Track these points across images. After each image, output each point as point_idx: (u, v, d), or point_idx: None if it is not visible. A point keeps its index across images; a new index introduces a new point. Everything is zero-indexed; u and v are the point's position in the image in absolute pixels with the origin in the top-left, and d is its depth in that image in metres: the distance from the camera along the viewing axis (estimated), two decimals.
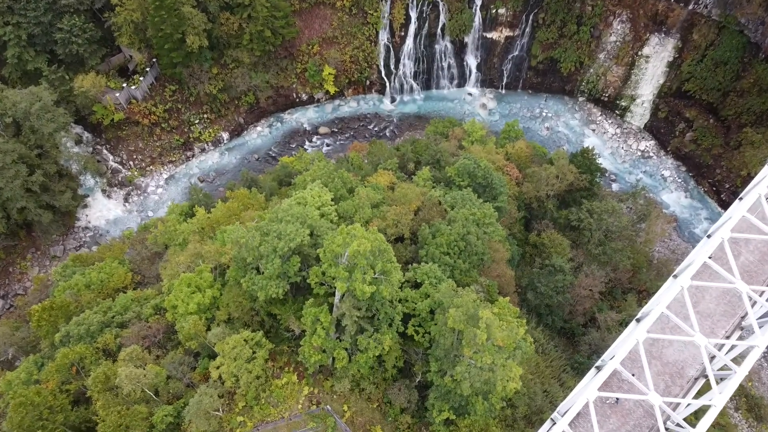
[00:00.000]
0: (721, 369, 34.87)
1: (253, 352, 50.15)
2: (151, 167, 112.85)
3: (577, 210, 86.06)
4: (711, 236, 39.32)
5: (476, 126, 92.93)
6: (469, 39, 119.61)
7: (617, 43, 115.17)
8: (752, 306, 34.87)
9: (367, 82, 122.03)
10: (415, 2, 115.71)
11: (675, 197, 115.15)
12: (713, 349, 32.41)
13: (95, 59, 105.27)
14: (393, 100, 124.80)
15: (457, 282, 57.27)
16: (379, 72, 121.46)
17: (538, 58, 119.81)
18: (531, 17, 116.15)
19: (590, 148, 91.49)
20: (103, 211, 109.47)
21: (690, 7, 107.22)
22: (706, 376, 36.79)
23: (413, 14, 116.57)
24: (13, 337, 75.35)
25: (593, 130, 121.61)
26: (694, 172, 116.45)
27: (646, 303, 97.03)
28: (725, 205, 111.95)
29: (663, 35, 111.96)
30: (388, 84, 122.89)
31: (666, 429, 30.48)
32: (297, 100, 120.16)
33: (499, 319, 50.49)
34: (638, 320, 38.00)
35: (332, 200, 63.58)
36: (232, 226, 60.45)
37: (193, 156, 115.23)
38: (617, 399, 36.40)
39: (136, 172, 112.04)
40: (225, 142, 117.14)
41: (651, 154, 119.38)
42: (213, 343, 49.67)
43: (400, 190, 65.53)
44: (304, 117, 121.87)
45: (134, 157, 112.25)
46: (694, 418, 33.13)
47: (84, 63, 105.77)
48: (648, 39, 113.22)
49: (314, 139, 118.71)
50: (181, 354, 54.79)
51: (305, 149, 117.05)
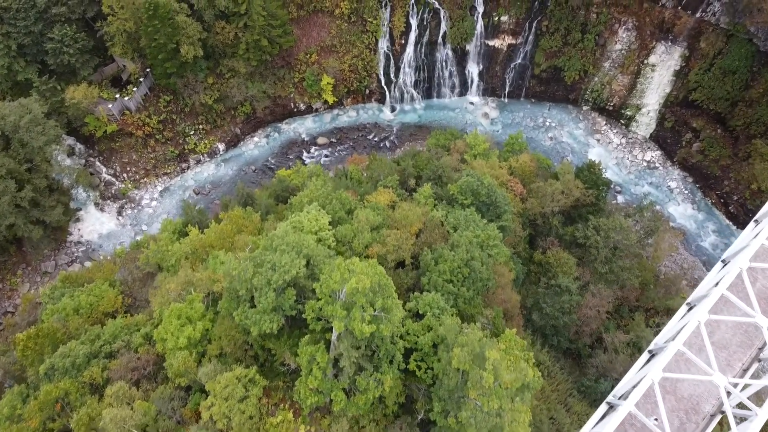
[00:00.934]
0: (740, 407, 32.39)
1: (246, 390, 47.49)
2: (145, 179, 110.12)
3: (584, 227, 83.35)
4: (727, 262, 36.91)
5: (479, 139, 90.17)
6: (470, 47, 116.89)
7: (623, 51, 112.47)
8: None
9: (367, 91, 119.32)
10: (415, 10, 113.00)
11: (682, 209, 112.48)
12: (733, 388, 29.83)
13: (87, 69, 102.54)
14: (393, 110, 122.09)
15: (461, 311, 54.65)
16: (379, 81, 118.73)
17: (542, 67, 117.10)
18: (534, 25, 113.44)
19: (596, 162, 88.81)
20: (96, 225, 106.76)
21: (697, 15, 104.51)
22: (723, 412, 34.14)
23: (413, 22, 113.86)
24: (0, 361, 72.65)
25: (598, 140, 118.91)
26: (701, 184, 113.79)
27: (653, 322, 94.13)
28: (733, 218, 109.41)
29: (669, 43, 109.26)
30: (387, 93, 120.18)
31: None
32: (295, 109, 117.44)
33: (506, 353, 47.95)
34: (651, 352, 35.36)
35: (330, 223, 61.09)
36: (224, 255, 57.81)
37: (188, 168, 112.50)
38: None
39: (129, 185, 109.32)
40: (221, 153, 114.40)
41: (657, 164, 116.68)
42: (204, 382, 47.00)
43: (401, 212, 62.84)
44: (302, 127, 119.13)
45: (128, 169, 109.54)
46: None
47: (76, 73, 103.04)
48: (654, 47, 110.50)
49: (312, 150, 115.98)
50: (171, 389, 52.10)
51: (303, 160, 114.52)
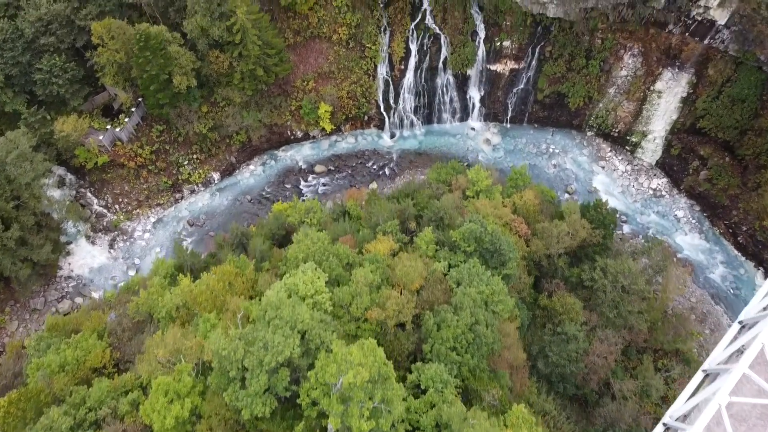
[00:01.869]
0: None
1: None
2: (137, 210, 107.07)
3: (590, 268, 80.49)
4: (744, 325, 34.11)
5: (481, 174, 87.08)
6: (472, 72, 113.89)
7: (628, 77, 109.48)
8: None
9: (366, 117, 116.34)
10: (415, 35, 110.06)
11: (689, 239, 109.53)
12: None
13: (78, 100, 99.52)
14: (392, 136, 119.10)
15: (466, 384, 51.67)
16: (378, 107, 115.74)
17: (545, 92, 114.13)
18: (537, 50, 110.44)
19: (604, 201, 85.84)
20: (87, 259, 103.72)
21: (706, 41, 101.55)
22: None
23: (413, 47, 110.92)
24: None
25: (602, 167, 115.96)
26: (708, 213, 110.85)
27: (662, 364, 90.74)
28: (742, 249, 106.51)
29: (677, 70, 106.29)
30: (387, 119, 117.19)
31: None
32: (292, 137, 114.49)
33: None
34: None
35: (327, 280, 58.12)
36: (214, 318, 54.82)
37: (182, 198, 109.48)
38: None
39: (122, 216, 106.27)
40: (216, 182, 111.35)
41: (663, 192, 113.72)
42: None
43: (402, 268, 59.80)
44: (299, 154, 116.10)
45: (120, 200, 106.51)
46: None
47: (66, 103, 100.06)
48: (661, 74, 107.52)
49: (310, 179, 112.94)
50: None
51: (300, 190, 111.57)
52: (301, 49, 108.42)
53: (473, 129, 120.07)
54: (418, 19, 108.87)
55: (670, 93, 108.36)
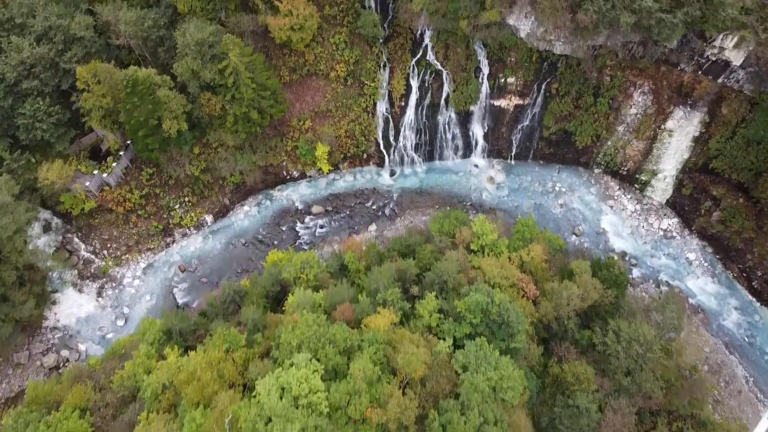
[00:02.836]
0: None
1: None
2: (127, 256, 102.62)
3: (602, 332, 76.25)
4: None
5: (486, 227, 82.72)
6: (475, 108, 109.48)
7: (638, 115, 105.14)
8: None
9: (365, 155, 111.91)
10: (416, 71, 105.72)
11: (701, 283, 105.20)
12: None
13: (63, 144, 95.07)
14: (393, 173, 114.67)
15: None
16: (378, 144, 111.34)
17: (551, 130, 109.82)
18: (543, 87, 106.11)
19: (616, 259, 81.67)
20: (74, 308, 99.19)
21: (719, 80, 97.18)
22: None
23: (414, 84, 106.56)
24: None
25: (611, 207, 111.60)
26: (721, 255, 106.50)
27: (677, 427, 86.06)
28: (757, 294, 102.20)
29: (689, 108, 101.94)
30: (387, 157, 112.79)
31: None
32: (288, 177, 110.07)
33: None
34: None
35: (324, 371, 53.79)
36: (200, 417, 50.41)
37: (173, 242, 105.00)
38: None
39: (110, 262, 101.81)
40: (209, 224, 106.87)
41: (674, 233, 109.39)
42: None
43: (404, 357, 55.37)
44: (295, 194, 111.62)
45: (108, 245, 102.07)
46: None
47: (51, 146, 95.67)
48: (672, 112, 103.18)
49: (307, 220, 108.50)
50: None
51: (297, 232, 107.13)
52: (298, 86, 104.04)
53: (476, 166, 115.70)
54: (419, 55, 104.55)
55: (681, 132, 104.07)
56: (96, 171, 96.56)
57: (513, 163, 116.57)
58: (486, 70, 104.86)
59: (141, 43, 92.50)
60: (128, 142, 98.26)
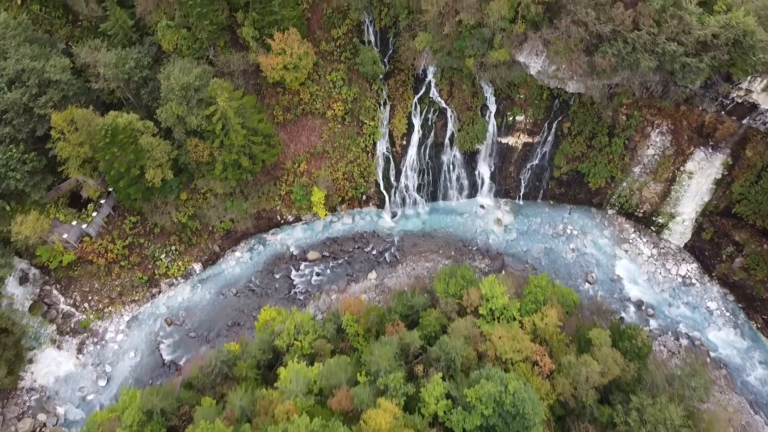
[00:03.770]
0: None
1: None
2: (110, 308, 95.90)
3: (624, 411, 69.74)
4: None
5: (496, 289, 76.12)
6: (481, 146, 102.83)
7: (656, 156, 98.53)
8: None
9: (364, 197, 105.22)
10: (418, 109, 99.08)
11: (723, 335, 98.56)
12: None
13: (39, 192, 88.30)
14: (394, 215, 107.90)
15: None
16: (377, 185, 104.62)
17: (562, 170, 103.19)
18: (554, 125, 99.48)
19: (640, 328, 75.05)
20: (52, 366, 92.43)
21: (744, 121, 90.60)
22: None
23: (416, 122, 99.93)
24: None
25: (626, 251, 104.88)
26: (744, 304, 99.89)
27: None
28: None
29: (710, 150, 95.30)
30: (387, 198, 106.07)
31: None
32: (282, 221, 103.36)
33: None
34: None
35: None
36: None
37: (159, 292, 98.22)
38: None
39: (92, 316, 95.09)
40: (197, 273, 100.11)
41: (693, 280, 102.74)
42: None
43: None
44: (290, 238, 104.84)
45: (90, 297, 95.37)
46: None
47: (27, 195, 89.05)
48: (692, 153, 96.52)
49: (302, 267, 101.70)
50: None
51: (292, 281, 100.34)
52: (292, 126, 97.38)
53: (482, 207, 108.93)
54: (421, 93, 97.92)
55: (702, 174, 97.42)
56: (75, 221, 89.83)
57: (521, 203, 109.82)
58: (493, 108, 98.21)
59: (123, 85, 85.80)
60: (110, 189, 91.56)
